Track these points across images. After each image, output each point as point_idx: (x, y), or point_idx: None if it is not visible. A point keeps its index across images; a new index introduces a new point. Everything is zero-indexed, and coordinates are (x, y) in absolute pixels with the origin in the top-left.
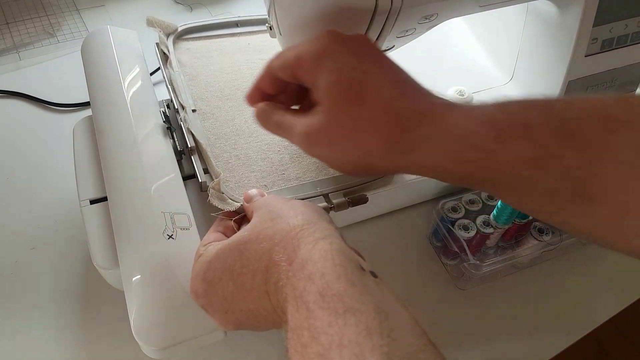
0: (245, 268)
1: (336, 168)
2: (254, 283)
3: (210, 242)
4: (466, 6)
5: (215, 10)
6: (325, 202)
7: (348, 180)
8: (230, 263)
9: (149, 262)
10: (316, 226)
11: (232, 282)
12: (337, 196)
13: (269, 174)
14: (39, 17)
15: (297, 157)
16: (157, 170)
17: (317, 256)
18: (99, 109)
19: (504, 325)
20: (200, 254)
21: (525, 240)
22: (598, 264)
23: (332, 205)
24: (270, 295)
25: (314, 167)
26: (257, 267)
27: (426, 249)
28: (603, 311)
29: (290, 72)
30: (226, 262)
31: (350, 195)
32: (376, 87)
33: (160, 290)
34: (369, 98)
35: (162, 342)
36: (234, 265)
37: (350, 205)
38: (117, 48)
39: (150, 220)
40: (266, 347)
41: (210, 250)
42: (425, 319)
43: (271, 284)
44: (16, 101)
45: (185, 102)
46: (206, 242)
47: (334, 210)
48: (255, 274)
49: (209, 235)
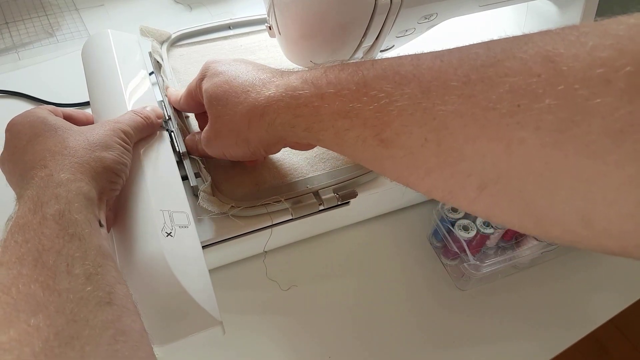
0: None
1: (233, 158)
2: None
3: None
4: (466, 6)
5: (215, 10)
6: (314, 199)
7: (337, 176)
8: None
9: (148, 259)
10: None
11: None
12: (327, 192)
13: (260, 172)
14: (38, 17)
15: (288, 155)
16: (157, 170)
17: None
18: (99, 110)
19: (504, 325)
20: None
21: (525, 240)
22: (598, 264)
23: (321, 202)
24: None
25: (305, 162)
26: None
27: (426, 250)
28: (603, 311)
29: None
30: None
31: (339, 192)
32: (231, 95)
33: (158, 287)
34: (228, 108)
35: (161, 339)
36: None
37: (339, 201)
38: (118, 51)
39: (149, 217)
40: (266, 346)
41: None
42: (425, 319)
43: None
44: (15, 101)
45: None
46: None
47: (322, 206)
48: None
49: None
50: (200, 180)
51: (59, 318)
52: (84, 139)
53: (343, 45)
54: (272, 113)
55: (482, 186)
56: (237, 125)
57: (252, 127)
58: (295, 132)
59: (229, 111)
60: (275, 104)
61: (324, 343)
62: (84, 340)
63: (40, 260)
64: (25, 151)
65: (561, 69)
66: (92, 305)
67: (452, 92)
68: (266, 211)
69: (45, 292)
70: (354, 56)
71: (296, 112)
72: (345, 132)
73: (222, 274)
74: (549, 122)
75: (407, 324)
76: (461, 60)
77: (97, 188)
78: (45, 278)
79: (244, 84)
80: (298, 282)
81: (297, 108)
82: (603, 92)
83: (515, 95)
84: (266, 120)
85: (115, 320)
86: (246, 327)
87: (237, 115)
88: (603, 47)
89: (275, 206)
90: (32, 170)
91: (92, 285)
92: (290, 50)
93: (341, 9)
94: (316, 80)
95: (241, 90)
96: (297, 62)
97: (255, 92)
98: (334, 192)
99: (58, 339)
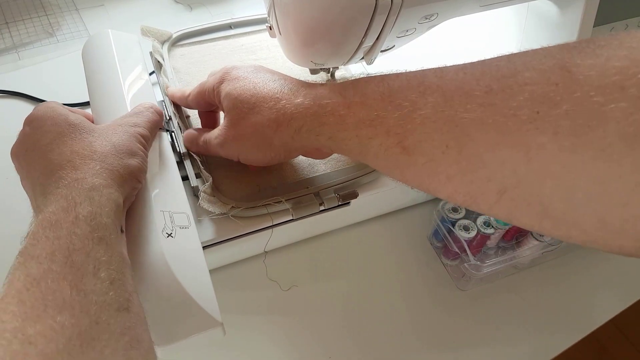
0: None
1: (246, 161)
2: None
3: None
4: (467, 6)
5: (215, 9)
6: (315, 199)
7: (337, 177)
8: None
9: (148, 260)
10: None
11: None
12: (328, 193)
13: (261, 173)
14: (38, 16)
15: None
16: (157, 170)
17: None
18: (99, 110)
19: (505, 325)
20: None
21: (525, 240)
22: (598, 265)
23: (322, 202)
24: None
25: (306, 164)
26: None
27: (426, 250)
28: (603, 311)
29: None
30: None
31: (340, 192)
32: (259, 102)
33: (159, 288)
34: (255, 112)
35: (161, 340)
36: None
37: (340, 201)
38: (118, 51)
39: (150, 218)
40: (267, 347)
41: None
42: (425, 319)
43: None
44: (16, 101)
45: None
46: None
47: (323, 206)
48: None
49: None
50: (201, 180)
51: (84, 318)
52: (110, 145)
53: (344, 45)
54: (300, 120)
55: (502, 191)
56: (263, 129)
57: (278, 133)
58: (320, 140)
59: (256, 115)
60: (304, 112)
61: (325, 343)
62: (103, 342)
63: (70, 259)
64: (49, 149)
65: (577, 78)
66: (113, 310)
67: (474, 100)
68: (267, 212)
69: (73, 291)
70: (355, 56)
71: (322, 120)
72: (369, 140)
73: (222, 275)
74: (566, 128)
75: (407, 323)
76: (483, 72)
77: (123, 194)
78: (73, 277)
79: (273, 90)
80: (298, 282)
81: (324, 116)
82: (617, 99)
83: (535, 103)
84: (293, 126)
85: (132, 327)
86: (247, 328)
87: (265, 120)
88: (617, 57)
89: (276, 207)
90: (62, 170)
91: (114, 291)
92: (291, 50)
93: (342, 9)
94: (343, 90)
95: (270, 96)
96: (298, 62)
97: (285, 100)
98: (335, 193)
99: (80, 338)
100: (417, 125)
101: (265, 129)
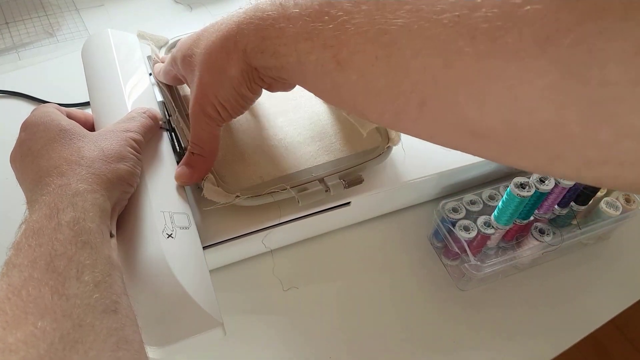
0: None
1: (223, 112)
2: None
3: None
4: None
5: (215, 10)
6: (320, 185)
7: (342, 164)
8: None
9: (149, 261)
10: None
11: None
12: (333, 179)
13: (264, 166)
14: (38, 17)
15: (292, 148)
16: (157, 170)
17: None
18: (99, 110)
19: (505, 326)
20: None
21: (526, 241)
22: (598, 264)
23: (327, 188)
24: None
25: (309, 155)
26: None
27: (426, 250)
28: (603, 311)
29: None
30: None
31: (345, 178)
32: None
33: (159, 288)
34: (201, 41)
35: (161, 340)
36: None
37: (345, 187)
38: (117, 51)
39: (150, 219)
40: (267, 347)
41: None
42: (425, 319)
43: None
44: (16, 101)
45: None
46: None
47: (329, 192)
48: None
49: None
50: None
51: (66, 322)
52: (99, 150)
53: None
54: (243, 38)
55: (422, 103)
56: (218, 60)
57: (231, 60)
58: (265, 58)
59: (206, 47)
60: (246, 27)
61: (325, 343)
62: (88, 345)
63: (52, 265)
64: (39, 155)
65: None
66: (99, 312)
67: (403, 7)
68: (272, 199)
69: (54, 296)
70: None
71: (263, 34)
72: (307, 55)
73: (223, 275)
74: (484, 31)
75: (407, 324)
76: None
77: (112, 199)
78: (55, 282)
79: (214, 24)
80: (299, 283)
81: (265, 30)
82: (533, 0)
83: (456, 6)
84: (240, 48)
85: (120, 328)
86: (247, 328)
87: (215, 49)
88: None
89: (282, 194)
90: (48, 176)
91: (99, 293)
92: None
93: None
94: (284, 1)
95: (212, 28)
96: None
97: (225, 23)
98: (340, 179)
99: (63, 342)
100: (350, 35)
101: (219, 59)
